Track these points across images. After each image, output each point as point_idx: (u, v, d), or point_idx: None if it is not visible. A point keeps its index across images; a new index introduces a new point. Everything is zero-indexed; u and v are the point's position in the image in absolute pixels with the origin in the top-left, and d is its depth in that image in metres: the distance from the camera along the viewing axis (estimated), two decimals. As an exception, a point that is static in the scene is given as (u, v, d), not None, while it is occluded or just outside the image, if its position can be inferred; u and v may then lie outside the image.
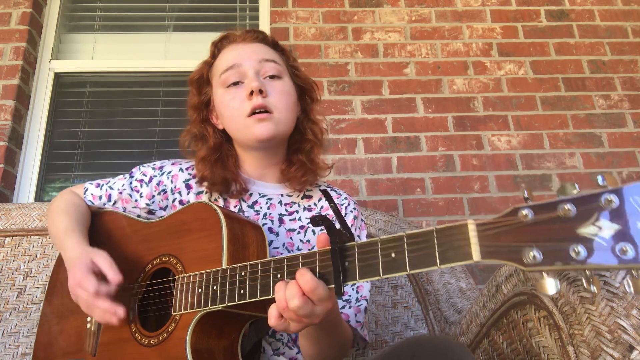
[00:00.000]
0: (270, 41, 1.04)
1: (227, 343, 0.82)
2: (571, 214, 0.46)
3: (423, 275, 1.44)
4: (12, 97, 1.89)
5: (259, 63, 0.97)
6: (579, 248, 0.45)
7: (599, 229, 0.44)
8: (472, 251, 0.52)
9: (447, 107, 2.02)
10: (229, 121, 0.98)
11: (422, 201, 1.87)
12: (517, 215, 0.50)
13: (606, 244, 0.44)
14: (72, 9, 2.24)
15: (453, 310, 1.29)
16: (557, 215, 0.47)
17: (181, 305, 0.81)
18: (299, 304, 0.61)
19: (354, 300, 0.93)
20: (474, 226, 0.53)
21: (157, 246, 0.93)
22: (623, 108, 2.07)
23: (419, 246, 0.56)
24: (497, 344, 0.90)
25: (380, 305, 1.43)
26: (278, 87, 0.97)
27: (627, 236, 0.43)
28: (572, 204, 0.46)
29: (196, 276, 0.80)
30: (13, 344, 1.36)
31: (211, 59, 1.04)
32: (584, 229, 0.45)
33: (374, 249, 0.60)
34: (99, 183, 1.09)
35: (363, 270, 0.60)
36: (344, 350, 0.88)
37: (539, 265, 0.47)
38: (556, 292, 0.48)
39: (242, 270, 0.73)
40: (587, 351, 0.62)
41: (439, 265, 0.54)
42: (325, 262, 0.64)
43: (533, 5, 2.23)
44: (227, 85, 0.97)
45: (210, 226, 0.84)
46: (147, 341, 0.84)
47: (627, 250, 0.42)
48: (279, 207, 1.01)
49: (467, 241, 0.52)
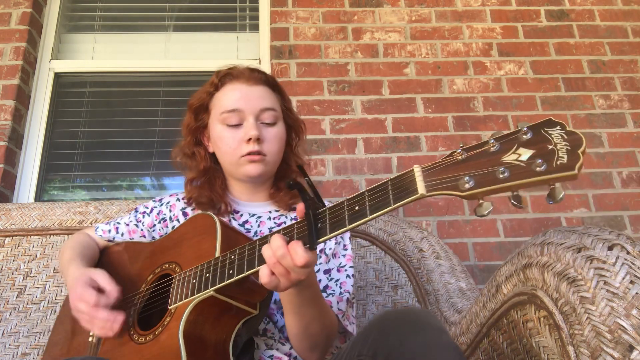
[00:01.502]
0: (271, 83, 1.11)
1: (219, 339, 0.84)
2: (495, 148, 0.56)
3: (423, 275, 1.44)
4: (12, 97, 1.89)
5: (260, 111, 1.05)
6: (503, 169, 0.54)
7: (518, 155, 0.54)
8: (417, 187, 0.60)
9: (447, 107, 2.02)
10: (223, 155, 1.07)
11: (422, 201, 1.87)
12: (453, 155, 0.60)
13: (524, 164, 0.53)
14: (72, 9, 2.24)
15: (453, 310, 1.29)
16: (484, 150, 0.57)
17: (176, 298, 0.85)
18: (284, 252, 0.69)
19: (337, 293, 1.00)
20: (419, 168, 0.62)
21: (159, 258, 0.98)
22: (623, 108, 2.07)
23: (377, 195, 0.65)
24: (497, 344, 0.90)
25: (380, 305, 1.44)
26: (272, 133, 1.06)
27: (540, 156, 0.53)
28: (495, 140, 0.57)
29: (191, 270, 0.84)
30: (13, 344, 1.36)
31: (213, 89, 1.09)
32: (507, 157, 0.55)
33: (341, 207, 0.68)
34: (109, 221, 1.20)
35: (333, 226, 0.68)
36: (329, 331, 0.92)
37: (473, 189, 0.56)
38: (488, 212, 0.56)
39: (231, 255, 0.79)
40: (587, 351, 0.62)
41: (392, 204, 0.62)
42: (302, 228, 0.71)
43: (533, 5, 2.23)
44: (227, 124, 1.04)
45: (206, 230, 0.89)
46: (143, 339, 0.85)
47: (541, 164, 0.52)
48: (268, 222, 1.09)
49: (414, 181, 0.61)
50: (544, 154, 0.52)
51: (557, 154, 0.52)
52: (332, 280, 1.02)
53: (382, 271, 1.48)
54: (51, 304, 1.42)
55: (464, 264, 1.57)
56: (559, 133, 0.53)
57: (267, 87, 1.10)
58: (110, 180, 2.04)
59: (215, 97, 1.09)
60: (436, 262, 1.44)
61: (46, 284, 1.44)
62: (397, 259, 1.49)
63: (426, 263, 1.44)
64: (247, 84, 1.07)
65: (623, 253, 0.62)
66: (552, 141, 0.53)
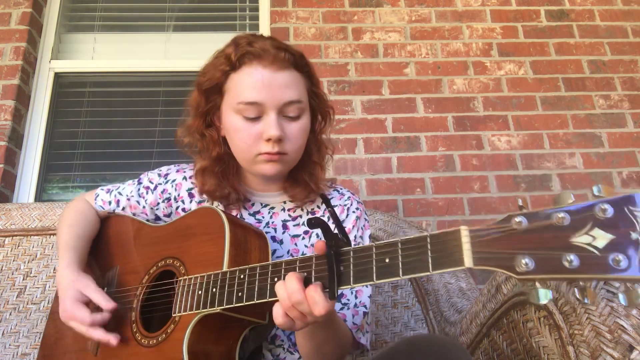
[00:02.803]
0: (300, 64, 0.93)
1: (224, 348, 0.82)
2: (565, 223, 0.46)
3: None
4: (12, 97, 1.89)
5: (283, 105, 0.89)
6: (571, 257, 0.44)
7: (592, 238, 0.44)
8: (464, 257, 0.52)
9: (447, 107, 2.02)
10: (237, 149, 0.94)
11: (422, 201, 1.87)
12: (511, 222, 0.50)
13: (599, 253, 0.43)
14: (72, 9, 2.24)
15: (453, 310, 1.29)
16: (551, 224, 0.47)
17: (181, 306, 0.81)
18: (301, 298, 0.63)
19: (352, 305, 0.93)
20: (467, 232, 0.53)
21: (162, 249, 0.94)
22: (623, 108, 2.07)
23: (413, 252, 0.57)
24: (497, 344, 0.90)
25: (380, 305, 1.43)
26: (296, 128, 0.91)
27: (620, 246, 0.42)
28: (566, 213, 0.46)
29: (197, 278, 0.81)
30: (13, 344, 1.36)
31: (229, 68, 0.91)
32: (578, 238, 0.45)
33: (369, 254, 0.61)
34: (110, 189, 1.11)
35: (357, 275, 0.61)
36: (342, 349, 0.87)
37: (531, 274, 0.47)
38: (547, 301, 0.48)
39: (242, 274, 0.74)
40: (587, 351, 0.62)
41: (431, 271, 0.54)
42: (321, 266, 0.65)
43: (533, 5, 2.23)
44: (244, 116, 0.90)
45: (214, 230, 0.85)
46: (146, 342, 0.84)
47: (620, 261, 0.42)
48: (282, 213, 1.01)
49: (460, 247, 0.53)
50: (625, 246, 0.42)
51: None
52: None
53: (382, 271, 1.48)
54: (51, 304, 1.41)
55: (464, 264, 1.57)
56: None
57: (295, 71, 0.92)
58: (110, 180, 2.04)
59: (231, 78, 0.91)
60: (436, 262, 1.44)
61: (46, 284, 1.44)
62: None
63: (426, 263, 1.44)
64: (270, 68, 0.88)
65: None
66: (637, 227, 0.42)
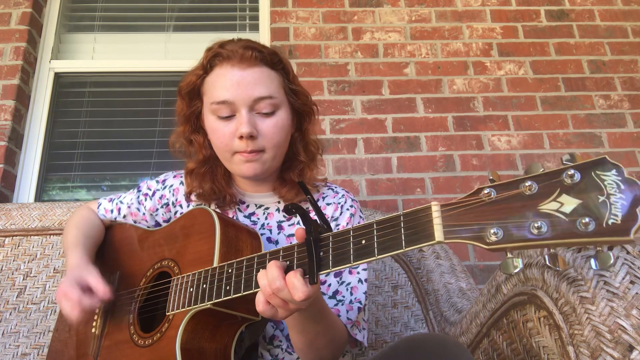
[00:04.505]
0: (270, 61, 0.94)
1: (219, 346, 0.82)
2: (533, 191, 0.46)
3: (423, 275, 1.44)
4: (12, 97, 1.89)
5: (253, 101, 0.91)
6: (539, 223, 0.44)
7: (560, 204, 0.44)
8: (434, 232, 0.52)
9: (447, 107, 2.02)
10: (216, 149, 0.97)
11: (422, 201, 1.87)
12: (480, 194, 0.50)
13: (567, 218, 0.43)
14: (72, 9, 2.24)
15: (453, 310, 1.29)
16: (519, 193, 0.47)
17: (174, 305, 0.83)
18: (281, 285, 0.63)
19: (347, 301, 0.92)
20: (437, 207, 0.53)
21: (159, 251, 0.96)
22: (623, 108, 2.07)
23: (388, 231, 0.57)
24: (497, 344, 0.90)
25: (380, 305, 1.43)
26: (270, 124, 0.92)
27: (588, 210, 0.42)
28: (533, 181, 0.46)
29: (189, 276, 0.83)
30: (13, 344, 1.36)
31: (203, 72, 0.95)
32: (546, 205, 0.44)
33: (346, 238, 0.61)
34: (112, 198, 1.16)
35: (335, 259, 0.62)
36: (336, 344, 0.87)
37: (500, 243, 0.47)
38: (518, 271, 0.48)
39: (229, 268, 0.75)
40: (587, 351, 0.62)
41: (404, 248, 0.55)
42: (303, 253, 0.66)
43: (533, 5, 2.23)
44: (218, 116, 0.93)
45: (206, 229, 0.87)
46: (142, 342, 0.85)
47: (588, 224, 0.42)
48: (277, 214, 1.02)
49: (431, 222, 0.53)
50: (592, 209, 0.42)
51: (609, 210, 0.41)
52: (342, 285, 0.94)
53: (381, 271, 1.48)
54: (51, 304, 1.41)
55: (464, 264, 1.57)
56: (614, 180, 0.42)
57: (266, 67, 0.93)
58: (110, 180, 2.04)
59: (206, 81, 0.95)
60: (436, 262, 1.44)
61: (46, 284, 1.44)
62: (397, 259, 1.49)
63: (426, 263, 1.44)
64: (239, 67, 0.91)
65: (623, 253, 0.62)
66: (604, 190, 0.42)
